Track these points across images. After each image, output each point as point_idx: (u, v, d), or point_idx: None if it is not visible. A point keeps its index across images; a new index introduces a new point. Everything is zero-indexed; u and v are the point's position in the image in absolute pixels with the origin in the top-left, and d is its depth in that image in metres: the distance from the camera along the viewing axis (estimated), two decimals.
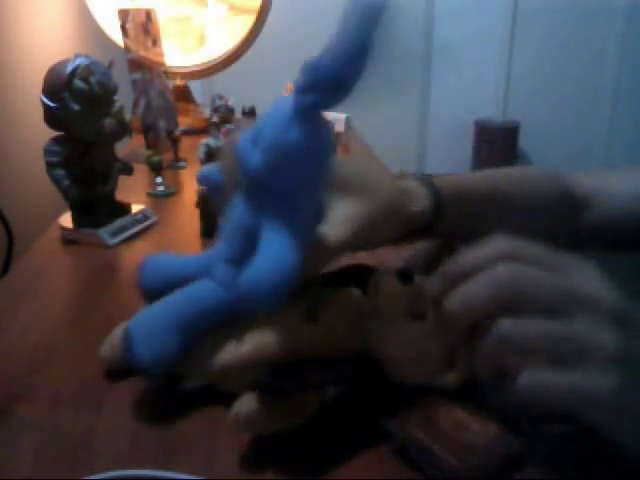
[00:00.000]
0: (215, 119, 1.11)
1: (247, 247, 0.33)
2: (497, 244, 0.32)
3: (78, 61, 0.58)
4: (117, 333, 0.39)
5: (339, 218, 0.39)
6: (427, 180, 0.47)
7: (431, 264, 0.37)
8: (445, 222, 0.47)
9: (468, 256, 0.32)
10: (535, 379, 0.29)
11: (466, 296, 0.31)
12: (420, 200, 0.45)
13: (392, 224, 0.43)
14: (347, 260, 0.40)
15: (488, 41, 2.89)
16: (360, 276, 0.37)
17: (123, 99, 0.65)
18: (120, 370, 0.38)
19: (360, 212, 0.40)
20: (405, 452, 0.31)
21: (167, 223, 0.70)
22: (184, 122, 1.12)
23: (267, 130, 0.32)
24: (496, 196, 0.53)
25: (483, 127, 2.92)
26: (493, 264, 0.31)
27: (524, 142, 2.93)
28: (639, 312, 0.31)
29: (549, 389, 0.29)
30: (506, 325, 0.30)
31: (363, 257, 0.48)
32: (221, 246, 0.36)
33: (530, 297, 0.30)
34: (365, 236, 0.40)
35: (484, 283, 0.31)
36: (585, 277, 0.31)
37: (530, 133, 2.91)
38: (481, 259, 0.32)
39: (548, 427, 0.32)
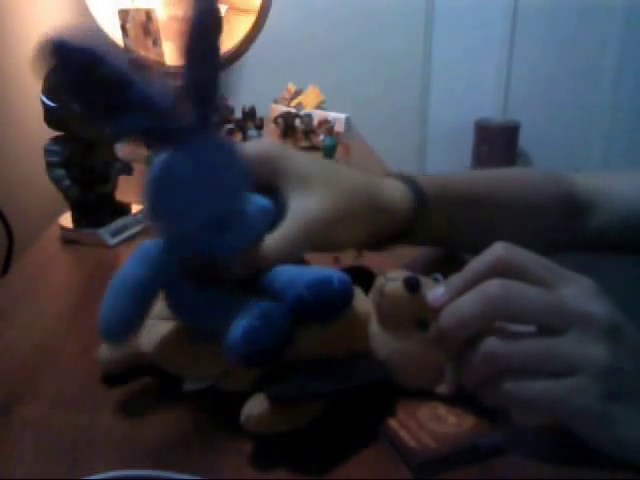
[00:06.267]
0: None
1: None
2: (495, 254, 0.32)
3: None
4: None
5: (284, 225, 0.37)
6: (409, 178, 0.45)
7: (430, 271, 0.37)
8: (428, 224, 0.45)
9: (469, 267, 0.33)
10: (519, 387, 0.30)
11: (456, 312, 0.31)
12: (399, 198, 0.43)
13: (362, 223, 0.40)
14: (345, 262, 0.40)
15: (488, 41, 2.89)
16: (360, 278, 0.37)
17: None
18: (118, 374, 0.38)
19: (309, 214, 0.37)
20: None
21: None
22: None
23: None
24: (486, 198, 0.51)
25: (483, 127, 2.91)
26: (486, 278, 0.31)
27: (524, 142, 2.93)
28: (632, 326, 0.31)
29: (532, 397, 0.30)
30: (491, 343, 0.30)
31: (365, 260, 0.48)
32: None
33: (521, 314, 0.30)
34: (317, 238, 0.38)
35: (474, 300, 0.31)
36: (579, 291, 0.31)
37: (530, 133, 2.90)
38: (479, 270, 0.32)
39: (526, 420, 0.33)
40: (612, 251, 0.58)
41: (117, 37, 1.10)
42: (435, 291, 0.33)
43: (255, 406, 0.31)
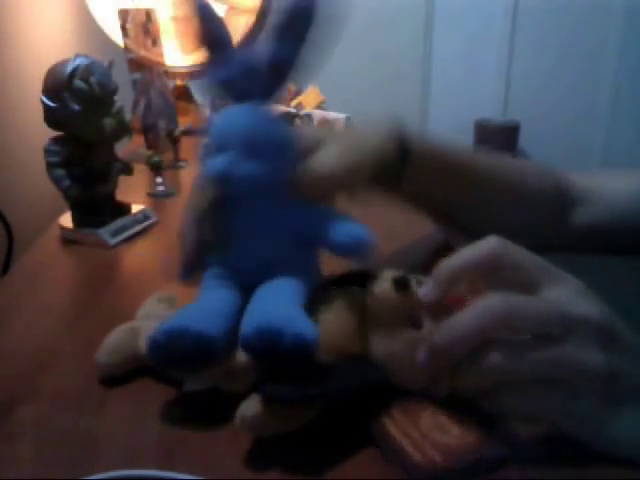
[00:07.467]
0: None
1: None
2: (489, 247, 0.31)
3: (78, 61, 0.58)
4: (112, 338, 0.39)
5: (325, 155, 0.40)
6: (396, 126, 0.48)
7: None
8: (412, 171, 0.48)
9: (458, 259, 0.32)
10: (519, 399, 0.30)
11: (455, 330, 0.30)
12: (385, 143, 0.46)
13: (366, 170, 0.43)
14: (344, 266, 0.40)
15: (488, 41, 2.89)
16: (364, 280, 0.37)
17: (123, 99, 0.65)
18: (117, 376, 0.38)
19: (342, 149, 0.41)
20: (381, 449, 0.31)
21: (167, 223, 0.70)
22: (184, 122, 1.12)
23: (261, 137, 0.35)
24: (471, 168, 0.53)
25: (483, 127, 2.91)
26: (478, 270, 0.31)
27: (524, 142, 2.93)
28: (623, 323, 0.31)
29: (532, 407, 0.30)
30: (490, 358, 0.30)
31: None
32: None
33: (521, 329, 0.30)
34: (351, 174, 0.41)
35: (473, 319, 0.30)
36: (570, 291, 0.31)
37: (530, 133, 2.90)
38: (471, 263, 0.32)
39: (526, 429, 0.32)
40: (599, 250, 0.58)
41: (117, 37, 1.10)
42: (426, 286, 0.32)
43: (250, 407, 0.31)
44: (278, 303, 0.34)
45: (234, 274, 0.37)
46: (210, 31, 0.36)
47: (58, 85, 0.57)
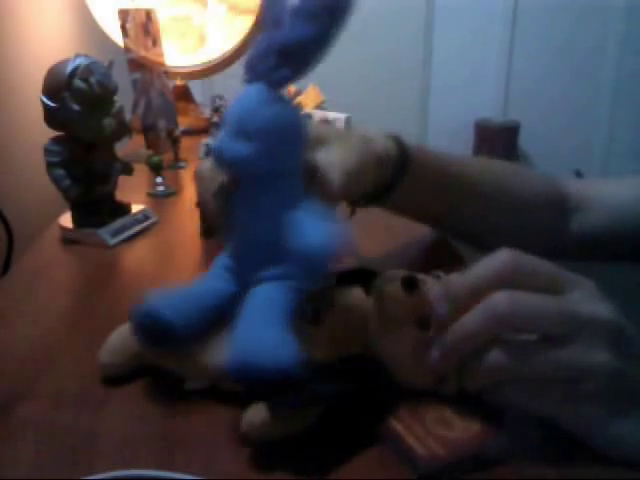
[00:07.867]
0: (215, 119, 1.11)
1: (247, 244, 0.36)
2: (502, 259, 0.31)
3: (78, 61, 0.58)
4: (113, 338, 0.39)
5: (330, 164, 0.40)
6: (395, 136, 0.49)
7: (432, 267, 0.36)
8: (408, 180, 0.48)
9: (473, 276, 0.32)
10: (524, 397, 0.30)
11: (462, 330, 0.31)
12: (388, 150, 0.47)
13: (370, 171, 0.44)
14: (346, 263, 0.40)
15: (488, 41, 2.89)
16: (365, 278, 0.37)
17: (123, 99, 0.65)
18: (119, 376, 0.38)
19: (347, 155, 0.42)
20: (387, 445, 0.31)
21: (167, 223, 0.70)
22: (184, 122, 1.12)
23: (249, 118, 0.33)
24: (472, 176, 0.54)
25: (483, 127, 2.91)
26: (492, 285, 0.31)
27: (524, 142, 2.93)
28: (632, 327, 0.31)
29: (536, 406, 0.30)
30: (496, 357, 0.30)
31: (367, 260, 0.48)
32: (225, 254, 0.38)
33: (528, 327, 0.30)
34: (358, 179, 0.41)
35: (480, 318, 0.30)
36: (583, 294, 0.31)
37: (530, 133, 2.90)
38: (485, 278, 0.31)
39: (529, 427, 0.33)
40: (598, 257, 0.58)
41: (117, 37, 1.10)
42: (440, 305, 0.32)
43: (256, 414, 0.31)
44: (260, 329, 0.31)
45: (236, 263, 0.37)
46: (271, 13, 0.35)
47: (58, 85, 0.57)
